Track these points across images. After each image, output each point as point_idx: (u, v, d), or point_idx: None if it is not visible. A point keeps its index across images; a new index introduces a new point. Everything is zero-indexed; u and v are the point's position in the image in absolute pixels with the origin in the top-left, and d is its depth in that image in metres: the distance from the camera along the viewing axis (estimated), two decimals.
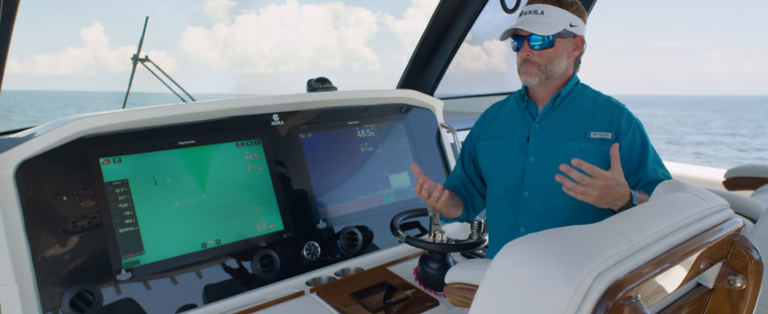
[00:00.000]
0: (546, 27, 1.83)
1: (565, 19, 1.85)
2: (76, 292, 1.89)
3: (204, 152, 2.25)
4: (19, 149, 1.86)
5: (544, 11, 1.84)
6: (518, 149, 1.98)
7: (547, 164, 1.90)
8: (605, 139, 1.86)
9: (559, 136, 1.91)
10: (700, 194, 1.13)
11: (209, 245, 2.17)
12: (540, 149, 1.93)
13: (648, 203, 1.12)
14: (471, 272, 1.53)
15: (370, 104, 2.76)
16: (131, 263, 2.00)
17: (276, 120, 2.46)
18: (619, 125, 1.87)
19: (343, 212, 2.53)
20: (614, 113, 1.90)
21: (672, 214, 1.02)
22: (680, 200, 1.10)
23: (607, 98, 1.97)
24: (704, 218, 1.06)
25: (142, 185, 2.09)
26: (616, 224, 0.95)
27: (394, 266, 2.44)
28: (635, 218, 1.01)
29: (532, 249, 0.88)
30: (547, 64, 1.87)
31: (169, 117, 2.21)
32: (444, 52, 3.23)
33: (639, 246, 0.91)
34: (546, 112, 1.95)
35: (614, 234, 0.91)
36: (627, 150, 1.85)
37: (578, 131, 1.89)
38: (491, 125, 2.12)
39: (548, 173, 1.87)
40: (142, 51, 2.61)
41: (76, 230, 1.93)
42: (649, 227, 0.95)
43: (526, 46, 1.87)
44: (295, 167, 2.45)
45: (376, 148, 2.72)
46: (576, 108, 1.93)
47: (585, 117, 1.91)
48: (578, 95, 1.96)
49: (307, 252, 2.37)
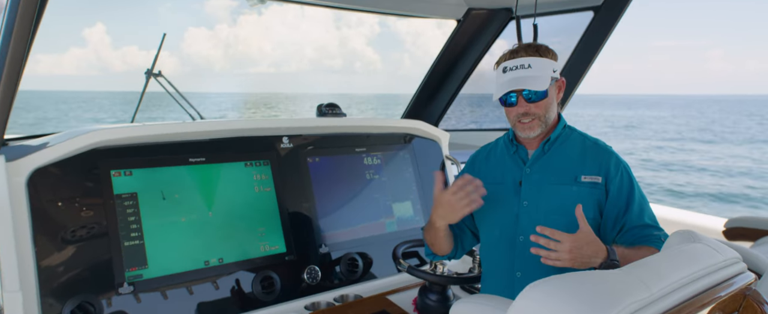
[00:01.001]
0: (538, 81, 1.83)
1: (549, 67, 1.86)
2: (77, 303, 1.88)
3: (213, 170, 2.27)
4: (32, 157, 1.87)
5: (530, 64, 1.84)
6: (511, 193, 1.96)
7: (541, 208, 1.89)
8: (596, 182, 1.86)
9: (550, 180, 1.90)
10: (714, 246, 1.15)
11: (212, 263, 2.17)
12: (533, 193, 1.92)
13: (665, 253, 1.14)
14: (477, 307, 1.53)
15: (377, 132, 2.79)
16: (134, 277, 2.00)
17: (285, 142, 2.49)
18: (607, 169, 1.87)
19: (345, 238, 2.54)
20: (603, 156, 1.90)
21: (689, 265, 1.04)
22: (696, 251, 1.12)
23: (594, 140, 1.97)
24: (719, 271, 1.09)
25: (151, 199, 2.10)
26: (637, 272, 0.98)
27: (394, 295, 2.45)
28: (654, 267, 1.03)
29: (557, 291, 0.90)
30: (545, 113, 1.88)
31: (182, 134, 2.23)
32: (451, 86, 3.28)
33: (657, 295, 0.93)
34: (536, 156, 1.95)
35: (635, 282, 0.93)
36: (615, 194, 1.85)
37: (569, 175, 1.89)
38: (482, 168, 2.09)
39: (542, 217, 1.87)
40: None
41: (82, 241, 1.94)
42: (668, 277, 0.97)
43: (523, 101, 1.86)
44: (301, 190, 2.47)
45: (381, 175, 2.74)
46: (565, 152, 1.94)
47: (574, 161, 1.91)
48: (566, 139, 1.96)
49: (308, 276, 2.38)
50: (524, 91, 1.84)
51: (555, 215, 1.86)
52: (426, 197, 2.82)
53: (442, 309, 2.34)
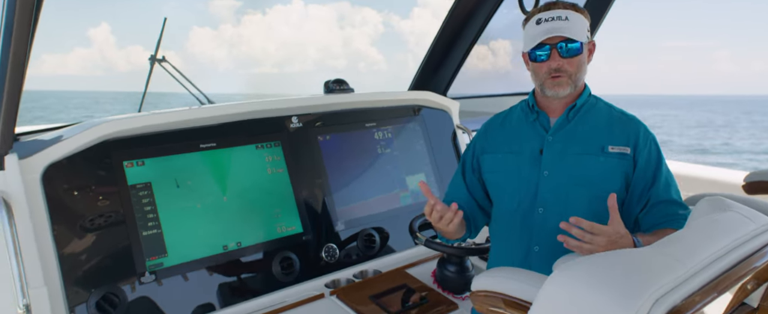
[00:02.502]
0: (577, 33, 1.73)
1: (585, 24, 1.77)
2: (101, 294, 1.90)
3: (224, 154, 2.25)
4: (45, 153, 1.86)
5: (568, 17, 1.73)
6: (530, 163, 1.84)
7: (563, 178, 1.79)
8: (624, 154, 1.77)
9: (575, 149, 1.80)
10: (747, 213, 1.13)
11: (230, 247, 2.17)
12: (555, 162, 1.81)
13: (696, 225, 1.12)
14: (499, 281, 1.53)
15: (386, 105, 2.76)
16: (155, 265, 2.01)
17: (295, 122, 2.47)
18: (637, 140, 1.78)
19: (361, 214, 2.54)
20: (631, 127, 1.81)
21: (722, 237, 1.02)
22: (728, 220, 1.10)
23: (621, 111, 1.88)
24: (752, 239, 1.07)
25: (165, 187, 2.10)
26: (669, 249, 0.96)
27: (412, 268, 2.46)
28: (686, 242, 1.01)
29: (587, 275, 0.88)
30: (577, 72, 1.77)
31: (191, 120, 2.21)
32: (458, 52, 3.22)
33: (693, 270, 0.91)
34: (560, 124, 1.83)
35: (668, 260, 0.91)
36: (643, 166, 1.77)
37: (595, 145, 1.78)
38: (497, 136, 1.98)
39: (564, 188, 1.78)
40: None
41: (101, 233, 1.94)
42: (701, 251, 0.96)
43: (556, 55, 1.74)
44: (314, 169, 2.45)
45: (393, 149, 2.72)
46: (591, 120, 1.83)
47: (601, 130, 1.81)
48: (592, 107, 1.86)
49: (326, 254, 2.39)
50: (559, 44, 1.73)
51: (579, 187, 1.78)
52: (439, 169, 2.81)
53: (462, 279, 2.34)
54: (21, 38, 1.50)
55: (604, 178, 1.76)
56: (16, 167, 1.76)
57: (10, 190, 1.75)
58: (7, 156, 1.76)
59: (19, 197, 1.75)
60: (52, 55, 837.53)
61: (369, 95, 2.74)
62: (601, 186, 1.75)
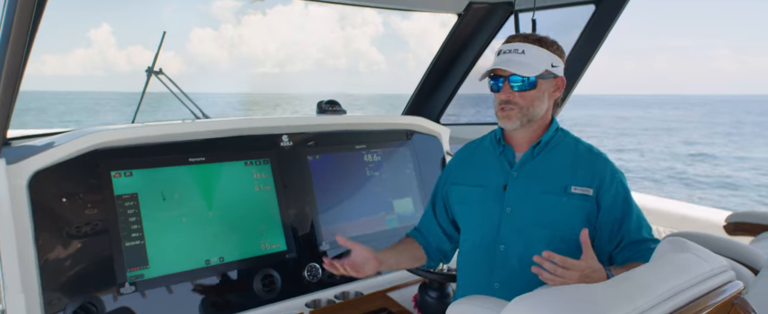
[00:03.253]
0: (528, 68, 1.72)
1: (546, 59, 1.75)
2: (79, 303, 1.91)
3: (213, 169, 2.28)
4: (34, 159, 1.89)
5: (525, 50, 1.74)
6: (493, 198, 1.83)
7: (525, 216, 1.78)
8: (586, 195, 1.75)
9: (538, 188, 1.78)
10: (703, 255, 1.15)
11: (213, 262, 2.19)
12: (517, 200, 1.80)
13: (652, 264, 1.14)
14: (473, 308, 1.55)
15: (377, 129, 2.80)
16: (135, 276, 2.02)
17: (285, 141, 2.50)
18: (602, 179, 1.76)
19: (346, 235, 2.53)
20: (597, 165, 1.79)
21: (675, 276, 1.04)
22: (683, 261, 1.12)
23: (588, 146, 1.85)
24: (706, 280, 1.09)
25: (151, 199, 2.12)
26: (621, 286, 0.98)
27: (394, 292, 2.47)
28: (639, 279, 1.04)
29: (542, 306, 0.90)
30: (529, 106, 1.75)
31: (182, 134, 2.24)
32: (452, 81, 3.27)
33: (642, 308, 0.94)
34: (524, 160, 1.82)
35: (618, 295, 0.94)
36: (608, 205, 1.76)
37: (558, 184, 1.77)
38: (466, 168, 1.98)
39: (526, 226, 1.77)
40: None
41: (84, 242, 1.96)
42: (653, 290, 0.98)
43: (507, 87, 1.75)
44: (302, 188, 2.48)
45: (382, 172, 2.75)
46: (556, 158, 1.82)
47: (565, 169, 1.79)
48: (558, 144, 1.84)
49: (309, 274, 2.40)
50: (511, 77, 1.73)
51: (540, 227, 1.77)
52: (426, 193, 2.83)
53: (442, 305, 2.35)
54: (17, 48, 1.53)
55: (566, 219, 1.76)
56: (3, 172, 1.79)
57: None
58: None
59: (3, 202, 1.78)
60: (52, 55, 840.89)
61: (360, 118, 2.78)
62: (562, 227, 1.76)
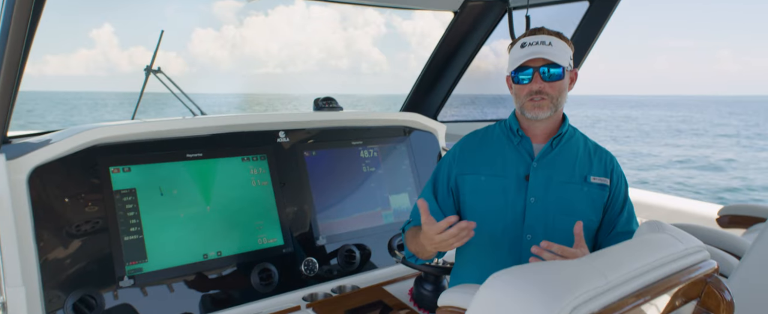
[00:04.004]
0: (560, 58, 1.77)
1: (568, 52, 1.81)
2: (79, 296, 1.95)
3: (210, 165, 2.32)
4: (33, 155, 1.93)
5: (551, 42, 1.78)
6: (516, 188, 1.85)
7: (550, 206, 1.82)
8: (604, 184, 1.84)
9: (559, 178, 1.83)
10: (678, 235, 1.18)
11: (210, 256, 2.23)
12: (541, 190, 1.83)
13: (627, 242, 1.17)
14: (462, 296, 1.57)
15: (374, 125, 2.83)
16: (134, 270, 2.06)
17: (282, 137, 2.53)
18: (612, 172, 1.87)
19: (343, 230, 2.59)
20: (607, 160, 1.90)
21: (648, 254, 1.07)
22: (658, 240, 1.15)
23: (594, 143, 1.94)
24: (679, 259, 1.12)
25: (149, 194, 2.16)
26: (595, 262, 1.01)
27: (390, 286, 2.49)
28: (613, 256, 1.07)
29: (516, 280, 0.94)
30: (558, 96, 1.80)
31: (179, 130, 2.28)
32: (449, 78, 3.30)
33: (614, 283, 0.97)
34: (545, 151, 1.86)
35: (592, 271, 0.97)
36: (614, 197, 1.86)
37: (578, 175, 1.84)
38: (476, 157, 1.95)
39: (551, 216, 1.81)
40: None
41: (83, 236, 2.00)
42: (625, 266, 1.01)
43: (538, 77, 1.78)
44: (298, 184, 2.51)
45: (378, 168, 2.78)
46: (572, 150, 1.88)
47: (582, 161, 1.86)
48: (571, 137, 1.91)
49: (305, 268, 2.43)
50: (542, 68, 1.77)
51: (564, 215, 1.81)
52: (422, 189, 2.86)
53: (437, 298, 2.37)
54: (16, 44, 1.57)
55: (587, 207, 1.83)
56: (3, 167, 1.83)
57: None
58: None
59: (3, 197, 1.82)
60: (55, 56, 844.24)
61: (357, 114, 2.81)
62: (584, 215, 1.81)
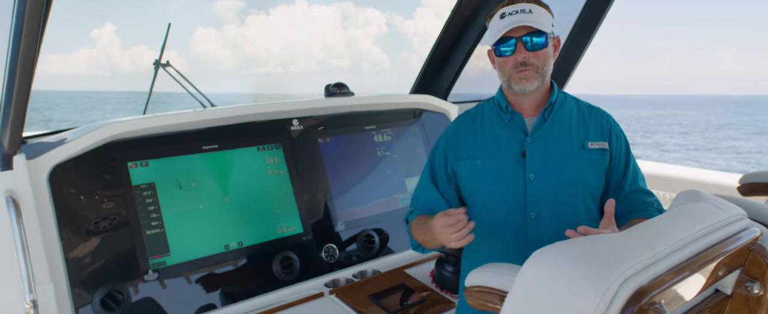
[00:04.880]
0: (542, 25, 1.69)
1: (549, 18, 1.74)
2: (106, 292, 1.96)
3: (226, 156, 2.31)
4: (52, 154, 1.93)
5: (532, 10, 1.70)
6: (513, 167, 1.78)
7: (550, 180, 1.76)
8: (603, 148, 1.78)
9: (556, 149, 1.77)
10: (719, 204, 1.17)
11: (232, 247, 2.23)
12: (539, 164, 1.77)
13: (669, 213, 1.16)
14: (492, 275, 1.56)
15: (386, 109, 2.82)
16: (158, 264, 2.06)
17: (296, 125, 2.52)
18: (609, 133, 1.81)
19: (360, 215, 2.59)
20: (603, 120, 1.83)
21: (692, 224, 1.07)
22: (699, 210, 1.14)
23: (588, 104, 1.87)
24: (723, 228, 1.11)
25: (168, 188, 2.16)
26: (640, 234, 1.00)
27: (411, 268, 2.50)
28: (657, 228, 1.06)
29: (561, 257, 0.93)
30: (543, 65, 1.73)
31: (194, 122, 2.27)
32: (458, 56, 3.27)
33: (661, 254, 0.96)
34: (537, 125, 1.80)
35: (638, 243, 0.96)
36: (616, 157, 1.81)
37: (575, 143, 1.78)
38: (470, 141, 1.88)
39: (553, 189, 1.76)
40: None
41: (106, 232, 2.00)
42: (670, 237, 1.00)
43: (521, 47, 1.69)
44: (314, 171, 2.51)
45: (392, 152, 2.77)
46: (565, 118, 1.82)
47: (577, 127, 1.80)
48: (562, 104, 1.84)
49: (326, 254, 2.43)
50: (524, 37, 1.69)
51: (567, 186, 1.76)
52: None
53: (459, 279, 2.38)
54: (30, 43, 1.55)
55: (589, 174, 1.79)
56: (24, 167, 1.82)
57: (18, 189, 1.81)
58: (16, 156, 1.82)
59: (26, 196, 1.82)
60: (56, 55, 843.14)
61: (369, 98, 2.79)
62: (587, 183, 1.78)
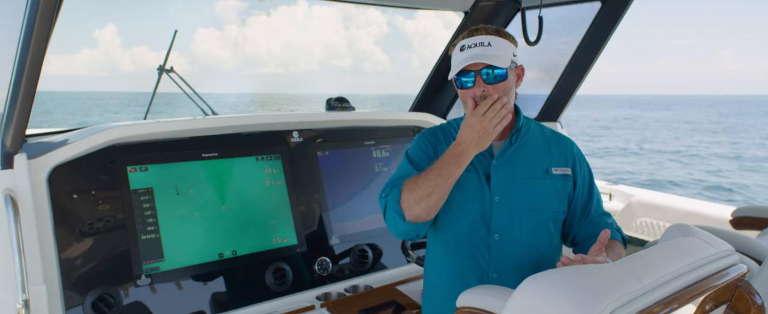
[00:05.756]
0: (498, 59, 1.71)
1: (509, 49, 1.75)
2: (97, 295, 1.96)
3: (225, 164, 2.33)
4: (53, 155, 1.94)
5: (490, 42, 1.72)
6: (479, 187, 1.81)
7: (514, 203, 1.78)
8: (566, 175, 1.83)
9: (521, 174, 1.80)
10: (708, 239, 1.19)
11: (225, 255, 2.23)
12: (503, 188, 1.79)
13: (659, 246, 1.18)
14: (483, 297, 1.58)
15: (386, 125, 2.84)
16: (151, 269, 2.07)
17: (296, 137, 2.54)
18: (574, 158, 1.86)
19: (355, 230, 2.60)
20: (566, 147, 1.88)
21: (681, 258, 1.09)
22: (689, 244, 1.16)
23: (551, 130, 1.92)
24: (711, 263, 1.13)
25: (166, 194, 2.17)
26: (630, 266, 1.02)
27: (403, 286, 2.50)
28: (647, 260, 1.08)
29: (553, 284, 0.95)
30: (503, 97, 1.71)
31: (195, 130, 2.29)
32: None
33: (649, 286, 0.98)
34: (504, 149, 1.83)
35: (627, 275, 0.98)
36: (580, 184, 1.85)
37: (539, 168, 1.82)
38: (445, 148, 1.81)
39: (517, 213, 1.78)
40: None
41: (101, 235, 2.01)
42: (659, 270, 1.02)
43: (480, 81, 1.71)
44: (312, 183, 2.52)
45: (390, 168, 2.79)
46: (530, 143, 1.85)
47: (541, 153, 1.84)
48: (528, 130, 1.88)
49: (319, 267, 2.44)
50: (483, 70, 1.71)
51: (530, 211, 1.79)
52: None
53: None
54: (40, 43, 1.57)
55: (552, 200, 1.82)
56: (24, 166, 1.84)
57: (17, 188, 1.82)
58: (17, 156, 1.84)
59: (25, 195, 1.83)
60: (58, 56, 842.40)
61: (369, 114, 2.82)
62: (551, 208, 1.82)
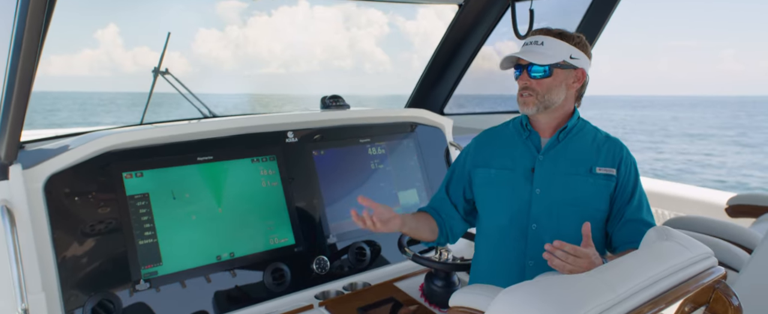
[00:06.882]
0: (544, 57, 1.86)
1: (565, 51, 1.88)
2: (97, 301, 1.99)
3: (221, 167, 2.35)
4: (48, 164, 1.97)
5: (544, 42, 1.88)
6: (523, 180, 1.96)
7: (555, 197, 1.91)
8: (610, 175, 1.91)
9: (564, 170, 1.92)
10: (685, 243, 1.20)
11: (223, 257, 2.26)
12: (546, 181, 1.92)
13: (636, 253, 1.20)
14: (474, 297, 1.61)
15: (381, 122, 2.85)
16: (149, 274, 2.10)
17: (290, 137, 2.56)
18: (620, 161, 1.92)
19: (352, 228, 2.62)
20: (615, 149, 1.95)
21: (656, 264, 1.10)
22: (665, 249, 1.17)
23: (606, 134, 2.01)
24: (687, 268, 1.14)
25: (162, 198, 2.19)
26: (604, 275, 1.03)
27: (400, 282, 2.53)
28: (621, 268, 1.09)
29: (528, 296, 0.96)
30: (545, 93, 1.89)
31: (189, 134, 2.30)
32: (454, 71, 3.30)
33: (623, 295, 0.99)
34: (550, 144, 1.95)
35: (601, 285, 0.99)
36: (622, 184, 1.91)
37: (584, 166, 1.92)
38: (487, 152, 2.09)
39: (556, 206, 1.90)
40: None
41: (99, 242, 2.04)
42: (634, 278, 1.03)
43: (526, 75, 1.90)
44: (308, 183, 2.54)
45: (386, 165, 2.80)
46: (579, 142, 1.96)
47: (589, 152, 1.94)
48: (580, 130, 1.98)
49: (317, 266, 2.46)
50: (529, 66, 1.89)
51: (569, 206, 1.89)
52: (431, 184, 2.88)
53: (448, 294, 2.41)
54: (29, 54, 1.58)
55: (592, 198, 1.90)
56: (19, 176, 1.86)
57: (13, 199, 1.85)
58: (12, 166, 1.86)
59: (21, 205, 1.85)
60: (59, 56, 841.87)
61: (364, 111, 2.83)
62: (590, 205, 1.89)
